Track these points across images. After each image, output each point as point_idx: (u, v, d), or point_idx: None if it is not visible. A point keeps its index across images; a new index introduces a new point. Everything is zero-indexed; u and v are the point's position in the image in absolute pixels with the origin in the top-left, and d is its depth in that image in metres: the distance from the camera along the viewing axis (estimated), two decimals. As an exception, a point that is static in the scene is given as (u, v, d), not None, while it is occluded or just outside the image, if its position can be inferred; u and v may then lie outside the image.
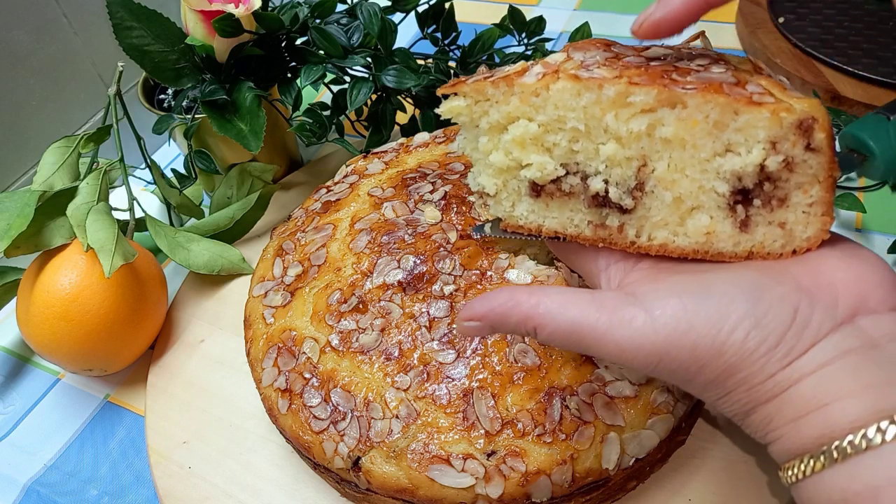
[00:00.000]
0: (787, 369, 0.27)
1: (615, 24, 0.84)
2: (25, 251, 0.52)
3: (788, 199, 0.30)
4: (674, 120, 0.29)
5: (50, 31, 0.66)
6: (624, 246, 0.33)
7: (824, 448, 0.26)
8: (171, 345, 0.57)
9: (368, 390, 0.41)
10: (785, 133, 0.28)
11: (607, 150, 0.31)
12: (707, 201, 0.31)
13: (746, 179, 0.29)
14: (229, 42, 0.56)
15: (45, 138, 0.67)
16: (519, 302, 0.31)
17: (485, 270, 0.44)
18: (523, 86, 0.31)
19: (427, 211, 0.48)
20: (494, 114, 0.32)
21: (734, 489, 0.43)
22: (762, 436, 0.29)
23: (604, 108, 0.30)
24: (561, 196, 0.33)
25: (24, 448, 0.54)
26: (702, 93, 0.28)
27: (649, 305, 0.29)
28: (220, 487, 0.48)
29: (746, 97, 0.28)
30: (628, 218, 0.32)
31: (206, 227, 0.61)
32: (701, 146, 0.29)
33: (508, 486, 0.38)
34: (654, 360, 0.29)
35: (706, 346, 0.28)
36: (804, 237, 0.30)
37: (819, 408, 0.26)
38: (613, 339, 0.29)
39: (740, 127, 0.28)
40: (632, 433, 0.39)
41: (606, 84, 0.29)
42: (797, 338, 0.27)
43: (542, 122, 0.32)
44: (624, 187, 0.32)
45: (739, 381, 0.28)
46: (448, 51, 0.65)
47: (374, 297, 0.44)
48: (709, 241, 0.31)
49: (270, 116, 0.59)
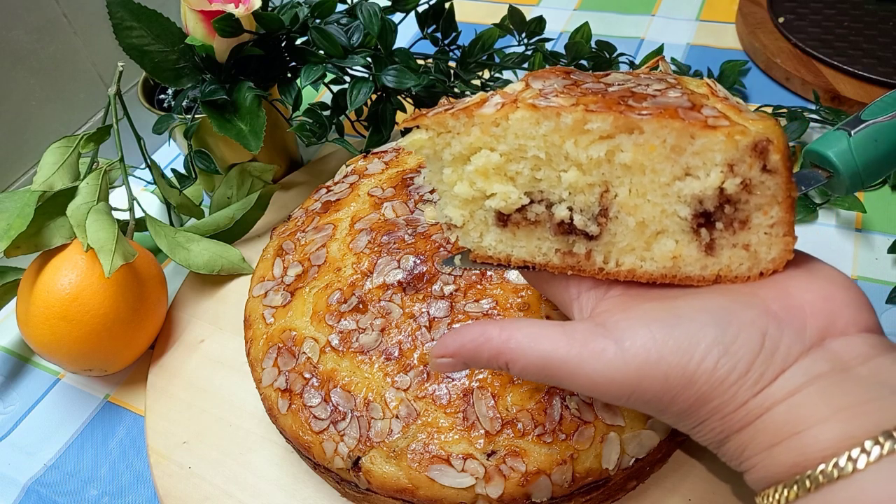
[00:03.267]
0: (758, 397, 0.27)
1: (615, 24, 0.84)
2: (25, 251, 0.52)
3: (750, 220, 0.30)
4: (632, 146, 0.29)
5: (50, 31, 0.66)
6: (592, 273, 0.33)
7: (797, 477, 0.26)
8: (171, 345, 0.57)
9: (368, 390, 0.41)
10: (741, 155, 0.28)
11: (569, 177, 0.31)
12: (671, 225, 0.31)
13: (707, 202, 0.30)
14: (229, 42, 0.56)
15: (45, 138, 0.67)
16: (490, 338, 0.31)
17: (484, 270, 0.44)
18: (483, 116, 0.31)
19: (427, 211, 0.48)
20: (456, 145, 0.33)
21: (734, 489, 0.43)
22: (737, 464, 0.29)
23: (563, 136, 0.30)
24: (527, 225, 0.33)
25: (24, 448, 0.54)
26: (657, 118, 0.28)
27: (619, 336, 0.29)
28: (220, 487, 0.48)
29: (702, 121, 0.28)
30: (595, 244, 0.32)
31: (206, 227, 0.61)
32: (660, 171, 0.30)
33: (508, 486, 0.38)
34: (626, 392, 0.28)
35: (677, 375, 0.27)
36: (769, 258, 0.30)
37: (791, 435, 0.26)
38: (584, 372, 0.29)
39: (697, 151, 0.29)
40: (632, 433, 0.39)
41: (564, 112, 0.30)
42: (766, 364, 0.27)
43: (504, 152, 0.32)
44: (588, 214, 0.32)
45: (712, 410, 0.28)
46: (448, 51, 0.65)
47: (374, 297, 0.44)
48: (676, 265, 0.31)
49: (270, 116, 0.59)
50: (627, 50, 0.78)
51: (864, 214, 0.58)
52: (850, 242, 0.57)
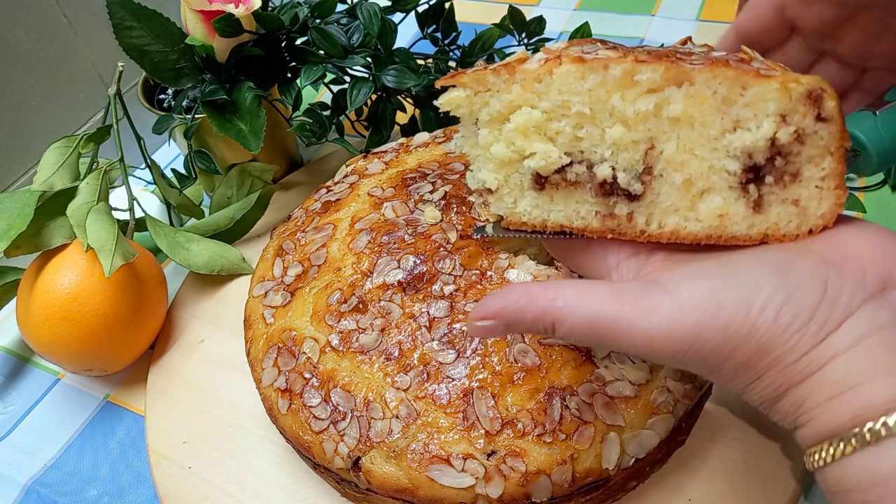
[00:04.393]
0: (821, 346, 0.26)
1: (615, 24, 0.84)
2: (25, 251, 0.52)
3: (801, 173, 0.29)
4: (682, 97, 0.29)
5: (50, 31, 0.66)
6: (634, 235, 0.32)
7: (856, 430, 0.25)
8: (171, 345, 0.57)
9: (368, 390, 0.41)
10: (795, 104, 0.28)
11: (614, 133, 0.30)
12: (718, 182, 0.30)
13: (757, 155, 0.29)
14: (229, 42, 0.56)
15: (45, 138, 0.67)
16: (534, 297, 0.29)
17: (485, 270, 0.44)
18: (525, 72, 0.30)
19: (427, 211, 0.48)
20: (496, 103, 0.32)
21: (734, 489, 0.43)
22: (792, 420, 0.28)
23: (609, 90, 0.29)
24: (566, 186, 0.32)
25: (24, 448, 0.54)
26: (710, 67, 0.28)
27: (674, 290, 0.28)
28: (220, 487, 0.48)
29: (754, 71, 0.28)
30: (637, 205, 0.31)
31: (206, 227, 0.61)
32: (710, 123, 0.29)
33: (508, 486, 0.38)
34: (683, 348, 0.27)
35: (738, 325, 0.26)
36: (819, 213, 0.29)
37: (854, 387, 0.25)
38: (640, 327, 0.27)
39: (749, 101, 0.28)
40: (632, 433, 0.39)
41: (612, 63, 0.29)
42: (829, 311, 0.26)
43: (546, 109, 0.31)
44: (632, 172, 0.31)
45: (772, 362, 0.27)
46: (448, 51, 0.65)
47: (374, 297, 0.44)
48: (722, 224, 0.30)
49: (270, 116, 0.59)
50: (627, 50, 0.78)
51: (864, 214, 0.58)
52: (850, 242, 0.57)
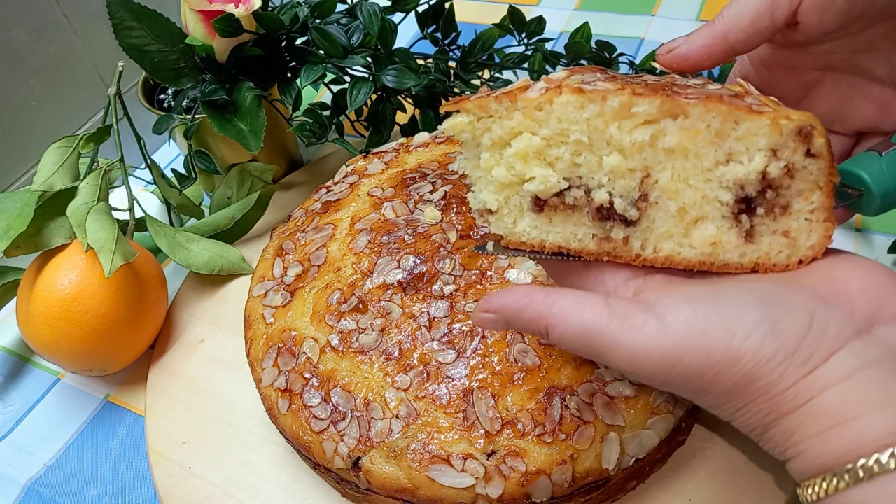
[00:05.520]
0: (808, 378, 0.27)
1: (615, 25, 0.84)
2: (25, 251, 0.52)
3: (790, 206, 0.30)
4: (676, 129, 0.30)
5: (50, 31, 0.66)
6: (629, 259, 0.33)
7: (849, 466, 0.25)
8: (171, 345, 0.57)
9: (368, 390, 0.41)
10: (785, 140, 0.29)
11: (611, 161, 0.31)
12: (711, 211, 0.31)
13: (749, 187, 0.30)
14: (229, 42, 0.56)
15: (45, 138, 0.67)
16: (534, 300, 0.31)
17: (485, 270, 0.44)
18: (527, 100, 0.32)
19: (427, 211, 0.48)
20: (497, 129, 0.33)
21: (734, 489, 0.43)
22: (782, 451, 0.28)
23: (607, 120, 0.31)
24: (564, 210, 0.33)
25: (24, 448, 0.54)
26: (703, 102, 0.29)
27: (661, 312, 0.29)
28: (220, 487, 0.48)
29: (746, 107, 0.29)
30: (633, 230, 0.32)
31: (206, 227, 0.61)
32: (703, 155, 0.30)
33: (508, 486, 0.38)
34: (665, 368, 0.28)
35: (720, 351, 0.27)
36: (808, 245, 0.30)
37: (845, 421, 0.26)
38: (623, 344, 0.29)
39: (742, 135, 0.29)
40: (632, 433, 0.39)
41: (610, 95, 0.30)
42: (816, 345, 0.27)
43: (546, 136, 0.32)
44: (628, 198, 0.32)
45: (759, 391, 0.27)
46: (448, 51, 0.65)
47: (374, 297, 0.44)
48: (714, 252, 0.31)
49: (270, 116, 0.59)
50: (627, 50, 0.78)
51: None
52: (850, 242, 0.57)
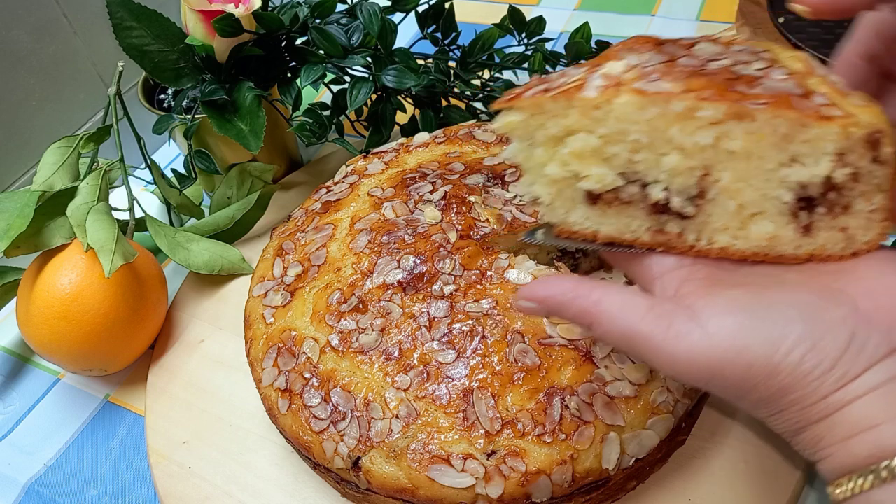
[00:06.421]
0: (839, 391, 0.27)
1: (615, 25, 0.84)
2: (25, 251, 0.52)
3: (851, 206, 0.30)
4: (741, 133, 0.29)
5: (50, 31, 0.66)
6: (683, 249, 0.33)
7: (873, 468, 0.26)
8: (171, 345, 0.57)
9: (368, 390, 0.41)
10: (853, 146, 0.28)
11: (670, 160, 0.30)
12: (770, 208, 0.31)
13: (811, 188, 0.30)
14: (229, 42, 0.56)
15: (45, 138, 0.67)
16: (580, 295, 0.31)
17: (485, 270, 0.44)
18: (584, 100, 0.30)
19: (427, 211, 0.48)
20: (552, 127, 0.32)
21: (734, 489, 0.43)
22: (811, 453, 0.29)
23: (669, 122, 0.30)
24: (618, 204, 0.33)
25: (24, 448, 0.54)
26: (771, 108, 0.28)
27: (705, 322, 0.29)
28: (220, 487, 0.48)
29: (815, 111, 0.28)
30: (688, 223, 0.32)
31: (206, 227, 0.61)
32: (767, 157, 0.29)
33: (508, 486, 0.38)
34: (706, 377, 0.29)
35: (761, 365, 0.28)
36: (864, 240, 0.30)
37: (870, 428, 0.27)
38: (667, 351, 0.29)
39: (808, 139, 0.28)
40: (632, 433, 0.39)
41: (674, 99, 0.29)
42: (852, 362, 0.27)
43: (603, 135, 0.31)
44: (685, 196, 0.31)
45: (792, 401, 0.28)
46: (448, 51, 0.65)
47: (374, 297, 0.44)
48: (770, 245, 0.31)
49: (270, 116, 0.59)
50: (627, 50, 0.78)
51: None
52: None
